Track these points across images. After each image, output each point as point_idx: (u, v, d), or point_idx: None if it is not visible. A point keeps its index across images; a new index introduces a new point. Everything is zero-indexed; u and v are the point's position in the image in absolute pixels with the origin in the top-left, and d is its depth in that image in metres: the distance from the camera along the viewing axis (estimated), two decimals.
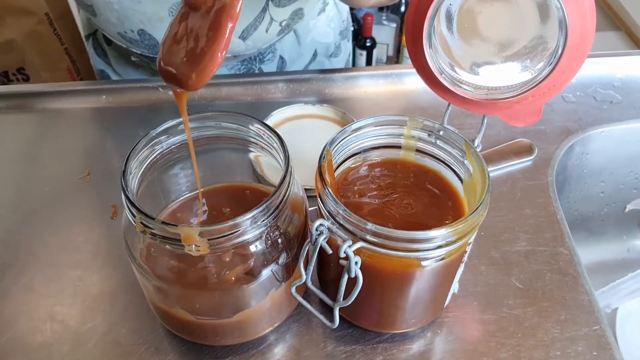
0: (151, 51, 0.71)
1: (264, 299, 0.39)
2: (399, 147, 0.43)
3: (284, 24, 0.69)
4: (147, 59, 0.73)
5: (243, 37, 0.67)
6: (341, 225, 0.35)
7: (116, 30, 0.69)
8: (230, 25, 0.32)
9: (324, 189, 0.35)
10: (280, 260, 0.38)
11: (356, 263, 0.34)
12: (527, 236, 0.51)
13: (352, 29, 0.90)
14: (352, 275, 0.34)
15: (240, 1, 0.32)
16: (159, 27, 0.66)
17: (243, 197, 0.45)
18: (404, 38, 1.76)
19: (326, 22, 0.79)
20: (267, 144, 0.41)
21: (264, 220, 0.35)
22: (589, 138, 0.62)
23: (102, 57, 0.82)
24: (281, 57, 0.76)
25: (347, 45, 0.86)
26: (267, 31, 0.68)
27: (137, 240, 0.38)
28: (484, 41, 0.43)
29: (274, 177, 0.50)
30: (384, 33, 1.75)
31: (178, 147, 0.41)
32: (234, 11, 0.32)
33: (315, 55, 0.80)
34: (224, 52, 0.33)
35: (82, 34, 0.84)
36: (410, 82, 0.68)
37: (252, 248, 0.37)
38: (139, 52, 0.73)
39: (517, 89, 0.43)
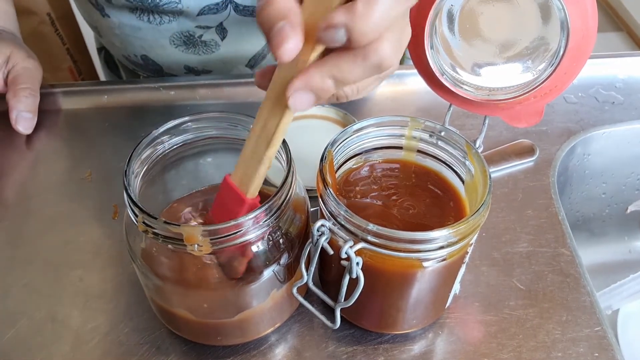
0: (156, 75, 0.71)
1: (265, 299, 0.39)
2: (400, 147, 0.43)
3: None
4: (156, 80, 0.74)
5: (250, 65, 0.67)
6: (342, 225, 0.35)
7: (120, 53, 0.69)
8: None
9: (325, 189, 0.35)
10: (282, 261, 0.38)
11: (357, 264, 0.34)
12: (529, 237, 0.51)
13: None
14: (354, 276, 0.34)
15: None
16: (161, 53, 0.66)
17: None
18: None
19: None
20: None
21: (265, 221, 0.35)
22: (591, 139, 0.62)
23: (114, 71, 0.82)
24: None
25: None
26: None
27: (138, 239, 0.38)
28: (486, 42, 0.43)
29: (276, 177, 0.50)
30: None
31: (180, 146, 0.41)
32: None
33: None
34: None
35: (95, 47, 0.84)
36: (412, 82, 0.68)
37: (254, 248, 0.37)
38: (145, 75, 0.72)
39: (519, 90, 0.43)
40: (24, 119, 0.60)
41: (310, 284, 0.38)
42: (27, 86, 0.61)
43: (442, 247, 0.34)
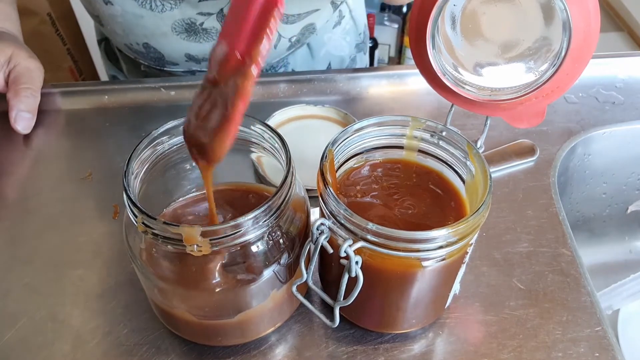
0: (157, 63, 0.71)
1: (265, 299, 0.39)
2: (401, 147, 0.43)
3: (293, 39, 0.69)
4: (156, 70, 0.73)
5: None
6: (342, 224, 0.35)
7: (122, 42, 0.69)
8: (242, 106, 0.33)
9: (326, 188, 0.35)
10: (282, 261, 0.38)
11: (357, 262, 0.34)
12: (529, 237, 0.50)
13: (370, 42, 0.88)
14: (353, 275, 0.34)
15: (253, 84, 0.33)
16: (163, 41, 0.66)
17: (245, 198, 0.45)
18: (406, 38, 1.76)
19: (341, 36, 0.78)
20: (268, 144, 0.41)
21: (265, 221, 0.35)
22: (591, 139, 0.62)
23: (114, 63, 0.82)
24: (293, 71, 0.76)
25: (364, 58, 0.85)
26: (275, 47, 0.68)
27: (138, 240, 0.38)
28: (488, 42, 0.43)
29: (276, 177, 0.50)
30: (386, 34, 1.75)
31: (180, 147, 0.41)
32: (247, 94, 0.32)
33: (329, 68, 0.79)
34: (237, 128, 0.33)
35: (96, 38, 0.84)
36: (413, 82, 0.68)
37: (254, 248, 0.37)
38: (146, 63, 0.73)
39: (521, 91, 0.43)
40: (23, 119, 0.60)
41: (310, 283, 0.38)
42: (28, 86, 0.61)
43: (441, 247, 0.34)
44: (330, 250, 0.35)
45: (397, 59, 1.83)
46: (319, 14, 0.68)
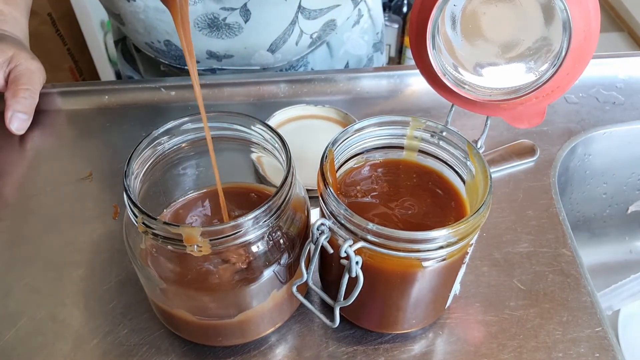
0: (178, 62, 0.71)
1: (265, 300, 0.39)
2: (401, 147, 0.43)
3: (314, 36, 0.69)
4: (176, 69, 0.73)
5: (272, 50, 0.68)
6: (342, 225, 0.35)
7: (143, 40, 0.69)
8: None
9: (326, 188, 0.35)
10: (282, 261, 0.38)
11: (357, 263, 0.34)
12: (529, 237, 0.50)
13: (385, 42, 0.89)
14: (353, 275, 0.34)
15: None
16: None
17: (245, 198, 0.45)
18: (406, 39, 1.76)
19: (360, 35, 0.78)
20: (269, 144, 0.41)
21: (265, 221, 0.35)
22: (592, 139, 0.62)
23: (131, 64, 0.82)
24: (312, 70, 0.76)
25: (380, 58, 0.86)
26: (297, 44, 0.68)
27: (138, 240, 0.38)
28: (488, 42, 0.43)
29: (276, 177, 0.50)
30: (386, 34, 1.75)
31: (180, 147, 0.41)
32: None
33: (347, 67, 0.80)
34: None
35: (113, 39, 0.85)
36: (413, 82, 0.68)
37: (254, 248, 0.37)
38: (166, 62, 0.73)
39: (521, 91, 0.43)
40: (18, 120, 0.60)
41: (310, 283, 0.38)
42: (28, 87, 0.61)
43: (441, 247, 0.34)
44: (331, 251, 0.35)
45: (397, 59, 1.83)
46: (340, 9, 0.68)
